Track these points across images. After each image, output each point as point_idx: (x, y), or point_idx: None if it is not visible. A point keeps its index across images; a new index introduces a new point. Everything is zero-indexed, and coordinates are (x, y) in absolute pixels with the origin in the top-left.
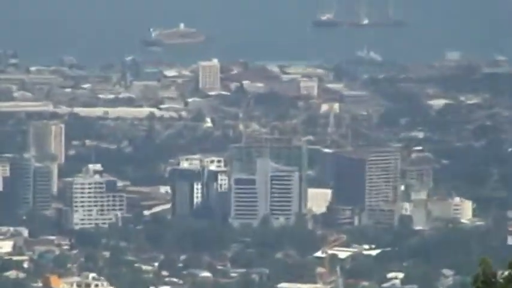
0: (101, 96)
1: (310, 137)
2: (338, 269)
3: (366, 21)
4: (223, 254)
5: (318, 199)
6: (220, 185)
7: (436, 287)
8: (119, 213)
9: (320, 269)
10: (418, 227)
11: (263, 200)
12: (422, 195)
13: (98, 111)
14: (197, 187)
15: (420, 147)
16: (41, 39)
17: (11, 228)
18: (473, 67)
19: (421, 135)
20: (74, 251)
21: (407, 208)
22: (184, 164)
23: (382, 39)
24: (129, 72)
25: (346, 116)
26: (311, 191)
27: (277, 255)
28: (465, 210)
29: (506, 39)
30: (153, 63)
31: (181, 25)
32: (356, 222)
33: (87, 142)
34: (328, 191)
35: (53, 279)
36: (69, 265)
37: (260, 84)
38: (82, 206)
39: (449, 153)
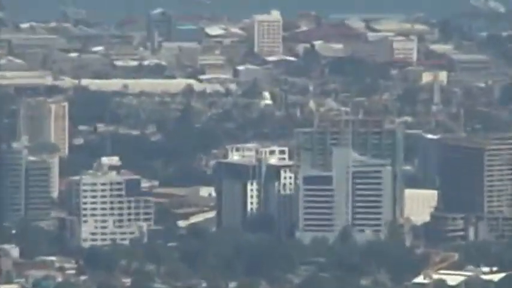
0: (118, 63)
1: (408, 118)
2: None
3: None
4: (288, 280)
5: (419, 204)
6: (284, 185)
7: None
8: (144, 224)
9: None
10: None
11: (343, 205)
12: None
13: (115, 84)
14: (251, 188)
15: None
16: None
17: None
18: None
19: None
20: (83, 277)
21: None
22: (234, 157)
23: None
24: (158, 30)
25: (456, 90)
26: (409, 193)
27: (362, 281)
28: None
29: None
30: (190, 18)
31: None
32: (471, 235)
33: (100, 127)
34: (433, 193)
35: None
36: None
37: (338, 46)
38: (93, 215)
39: None
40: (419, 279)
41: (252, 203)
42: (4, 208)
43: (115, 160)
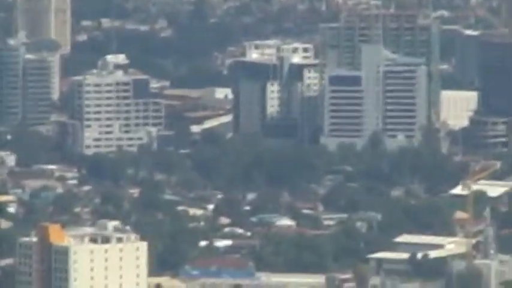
0: None
1: (444, 13)
2: (488, 212)
3: None
4: (313, 191)
5: (457, 107)
6: (308, 86)
7: None
8: (153, 129)
9: (460, 214)
10: None
11: (372, 108)
12: None
13: None
14: (272, 89)
15: None
16: None
17: None
18: None
19: None
20: (86, 188)
21: None
22: (253, 54)
23: None
24: None
25: None
26: (446, 95)
27: (394, 192)
28: None
29: None
30: None
31: None
32: None
33: (105, 22)
34: (473, 94)
35: (53, 230)
36: (77, 209)
37: None
38: (97, 120)
39: None
40: (457, 190)
41: (272, 106)
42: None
43: (121, 58)
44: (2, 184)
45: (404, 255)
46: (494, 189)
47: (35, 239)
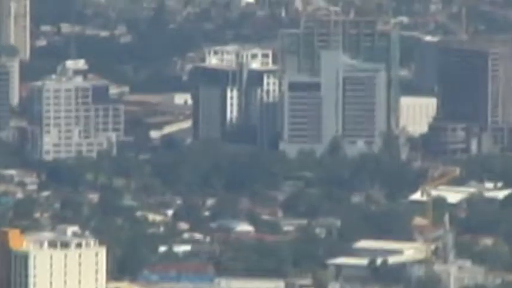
0: None
1: (404, 19)
2: (446, 218)
3: None
4: (272, 197)
5: (416, 113)
6: (267, 92)
7: None
8: (113, 135)
9: (419, 220)
10: None
11: (332, 114)
12: None
13: None
14: (231, 95)
15: None
16: None
17: None
18: None
19: None
20: (45, 193)
21: None
22: (213, 60)
23: None
24: None
25: None
26: (405, 101)
27: (353, 198)
28: None
29: None
30: None
31: None
32: (473, 147)
33: (65, 27)
34: (432, 101)
35: (13, 235)
36: (37, 214)
37: None
38: (57, 125)
39: None
40: (417, 196)
41: (231, 112)
42: None
43: (81, 64)
44: None
45: (364, 261)
46: (454, 196)
47: None
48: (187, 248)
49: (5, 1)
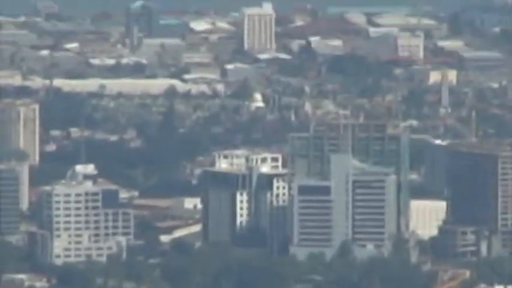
0: (94, 62)
1: (413, 122)
2: None
3: None
4: None
5: (426, 216)
6: (277, 196)
7: None
8: (123, 239)
9: None
10: None
11: (342, 218)
12: None
13: (90, 84)
14: (241, 199)
15: None
16: None
17: None
18: None
19: None
20: None
21: None
22: (222, 164)
23: None
24: (137, 25)
25: (467, 90)
26: (415, 204)
27: None
28: None
29: None
30: (173, 12)
31: None
32: (483, 250)
33: (74, 132)
34: (441, 204)
35: None
36: None
37: (336, 42)
38: (67, 229)
39: None
40: None
41: (241, 216)
42: None
43: (90, 168)
44: None
45: None
46: None
47: None
48: None
49: (14, 106)
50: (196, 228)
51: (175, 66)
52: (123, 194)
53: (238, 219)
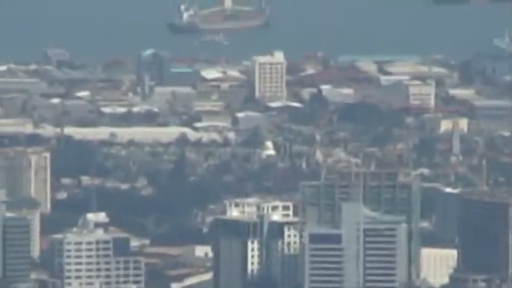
0: (105, 110)
1: (425, 171)
2: None
3: None
4: None
5: (437, 265)
6: (288, 244)
7: None
8: (133, 287)
9: None
10: None
11: (353, 266)
12: None
13: (101, 132)
14: (252, 247)
15: None
16: (13, 23)
17: None
18: None
19: None
20: None
21: None
22: (233, 212)
23: None
24: (149, 73)
25: (478, 139)
26: (426, 253)
27: None
28: None
29: None
30: (185, 60)
31: (227, 1)
32: None
33: (85, 180)
34: (452, 252)
35: None
36: None
37: (347, 91)
38: (78, 278)
39: None
40: None
41: (252, 264)
42: None
43: (102, 216)
44: None
45: None
46: None
47: None
48: None
49: (26, 154)
50: (207, 276)
51: (186, 114)
52: (134, 242)
53: (250, 267)
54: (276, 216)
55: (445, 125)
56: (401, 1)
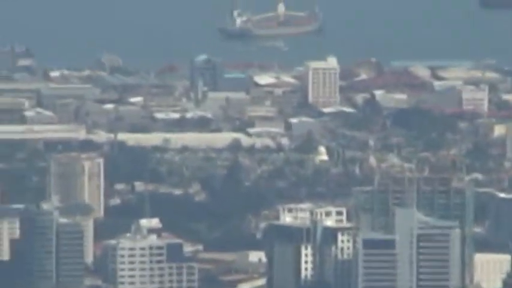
0: (158, 115)
1: (478, 176)
2: None
3: None
4: None
5: (491, 270)
6: (342, 250)
7: None
8: None
9: None
10: None
11: (406, 271)
12: None
13: (155, 138)
14: (306, 253)
15: None
16: (67, 29)
17: None
18: None
19: None
20: None
21: None
22: (287, 218)
23: None
24: (202, 79)
25: None
26: (480, 257)
27: None
28: None
29: None
30: (238, 66)
31: (281, 6)
32: None
33: (139, 186)
34: (506, 257)
35: None
36: None
37: (401, 96)
38: (132, 283)
39: None
40: None
41: (306, 269)
42: (34, 275)
43: (155, 222)
44: None
45: None
46: None
47: None
48: None
49: (79, 160)
50: (261, 282)
51: (239, 120)
52: (188, 248)
53: (303, 273)
54: (330, 222)
55: (498, 130)
56: (449, 6)
